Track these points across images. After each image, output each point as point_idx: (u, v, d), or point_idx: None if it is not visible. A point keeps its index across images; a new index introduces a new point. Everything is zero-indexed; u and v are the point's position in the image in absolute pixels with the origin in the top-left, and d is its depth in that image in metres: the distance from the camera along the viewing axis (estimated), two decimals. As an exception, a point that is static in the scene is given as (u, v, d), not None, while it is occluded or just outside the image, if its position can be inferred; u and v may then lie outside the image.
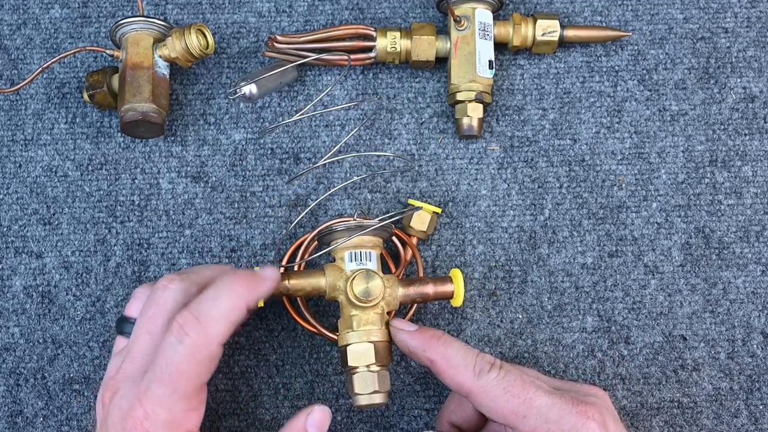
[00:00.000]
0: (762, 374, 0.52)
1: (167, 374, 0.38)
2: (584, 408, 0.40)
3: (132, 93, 0.49)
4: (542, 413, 0.40)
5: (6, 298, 0.52)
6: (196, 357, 0.38)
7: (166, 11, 0.56)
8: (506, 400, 0.40)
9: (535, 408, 0.40)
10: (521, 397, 0.40)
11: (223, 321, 0.39)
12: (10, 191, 0.53)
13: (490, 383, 0.41)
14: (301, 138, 0.54)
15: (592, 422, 0.39)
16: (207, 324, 0.38)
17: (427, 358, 0.43)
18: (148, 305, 0.41)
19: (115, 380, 0.40)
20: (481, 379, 0.41)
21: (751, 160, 0.54)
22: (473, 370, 0.41)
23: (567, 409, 0.40)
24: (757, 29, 0.56)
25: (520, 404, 0.40)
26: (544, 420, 0.40)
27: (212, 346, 0.38)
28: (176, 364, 0.38)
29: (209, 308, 0.39)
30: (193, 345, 0.38)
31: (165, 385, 0.38)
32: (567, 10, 0.56)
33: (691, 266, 0.53)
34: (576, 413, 0.40)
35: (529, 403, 0.40)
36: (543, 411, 0.40)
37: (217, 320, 0.39)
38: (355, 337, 0.44)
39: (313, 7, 0.56)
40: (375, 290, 0.44)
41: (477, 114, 0.52)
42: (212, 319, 0.38)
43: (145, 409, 0.38)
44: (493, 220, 0.53)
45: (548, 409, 0.40)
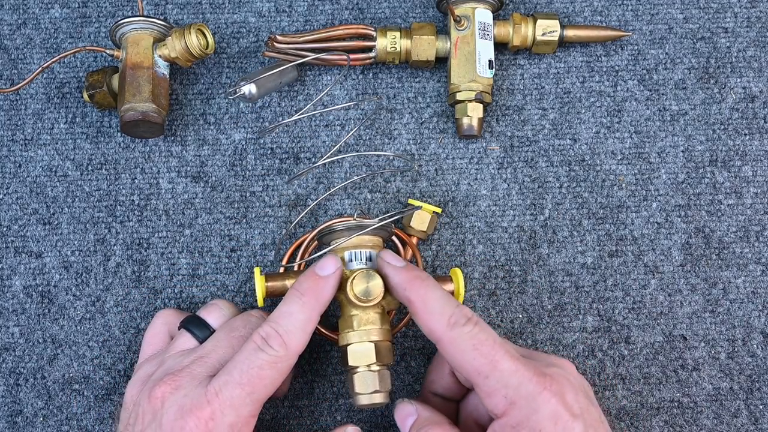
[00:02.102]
0: (762, 374, 0.52)
1: (247, 377, 0.39)
2: (543, 379, 0.40)
3: (132, 93, 0.49)
4: (503, 377, 0.40)
5: (6, 298, 0.52)
6: (277, 366, 0.40)
7: (166, 11, 0.56)
8: (473, 357, 0.40)
9: (498, 371, 0.40)
10: (488, 357, 0.40)
11: (301, 334, 0.41)
12: (10, 191, 0.53)
13: (461, 336, 0.41)
14: (301, 138, 0.54)
15: (548, 392, 0.39)
16: (288, 338, 0.41)
17: (406, 298, 0.43)
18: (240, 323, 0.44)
19: (179, 377, 0.41)
20: (453, 330, 0.41)
21: (751, 160, 0.54)
22: (448, 320, 0.41)
23: (527, 377, 0.39)
24: (757, 29, 0.56)
25: (485, 364, 0.40)
26: (503, 384, 0.40)
27: (291, 359, 0.41)
28: (257, 368, 0.40)
29: (287, 323, 0.41)
30: (275, 355, 0.40)
31: (242, 388, 0.39)
32: (567, 10, 0.56)
33: (691, 266, 0.53)
34: (534, 382, 0.39)
35: (493, 365, 0.40)
36: (504, 375, 0.40)
37: (296, 334, 0.41)
38: (355, 336, 0.44)
39: (313, 7, 0.56)
40: (375, 290, 0.44)
41: (477, 114, 0.52)
42: (291, 334, 0.41)
43: (214, 408, 0.39)
44: (493, 220, 0.53)
45: (510, 374, 0.40)
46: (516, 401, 0.39)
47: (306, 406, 0.51)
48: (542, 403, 0.39)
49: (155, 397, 0.40)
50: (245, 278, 0.52)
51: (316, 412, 0.51)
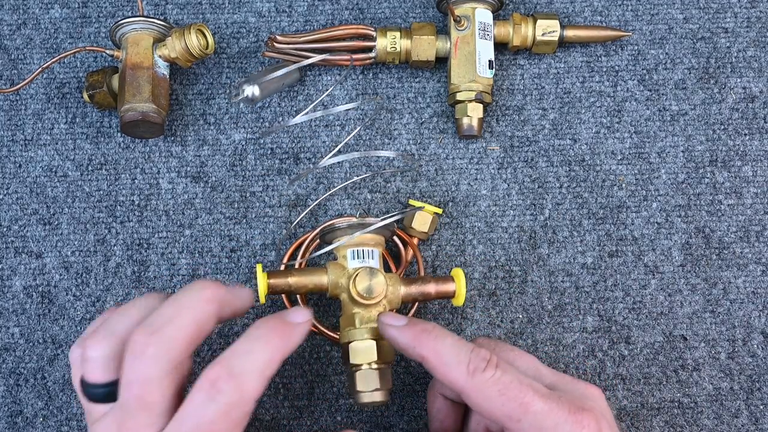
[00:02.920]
0: (762, 374, 0.52)
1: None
2: (580, 416, 0.38)
3: (132, 93, 0.49)
4: (537, 420, 0.37)
5: (6, 298, 0.52)
6: (231, 416, 0.34)
7: (166, 11, 0.56)
8: (501, 403, 0.38)
9: (531, 414, 0.37)
10: (517, 400, 0.38)
11: (258, 376, 0.36)
12: (10, 191, 0.53)
13: (485, 383, 0.38)
14: (301, 138, 0.54)
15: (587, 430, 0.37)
16: (242, 380, 0.35)
17: (419, 355, 0.40)
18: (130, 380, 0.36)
19: None
20: (476, 378, 0.38)
21: (751, 160, 0.54)
22: (467, 368, 0.38)
23: (563, 417, 0.37)
24: (757, 29, 0.56)
25: (516, 408, 0.38)
26: (538, 427, 0.37)
27: (247, 405, 0.35)
28: (208, 424, 0.34)
29: (243, 363, 0.35)
30: (227, 403, 0.34)
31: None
32: (567, 10, 0.56)
33: (691, 266, 0.53)
34: (572, 421, 0.37)
35: (525, 408, 0.38)
36: (538, 418, 0.37)
37: (253, 376, 0.35)
38: (357, 334, 0.44)
39: (313, 7, 0.56)
40: (377, 288, 0.44)
41: (477, 114, 0.52)
42: (247, 375, 0.35)
43: None
44: (493, 220, 0.53)
45: (544, 416, 0.37)
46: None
47: (306, 406, 0.51)
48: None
49: None
50: (245, 278, 0.52)
51: (316, 412, 0.51)
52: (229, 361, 0.35)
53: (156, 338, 0.35)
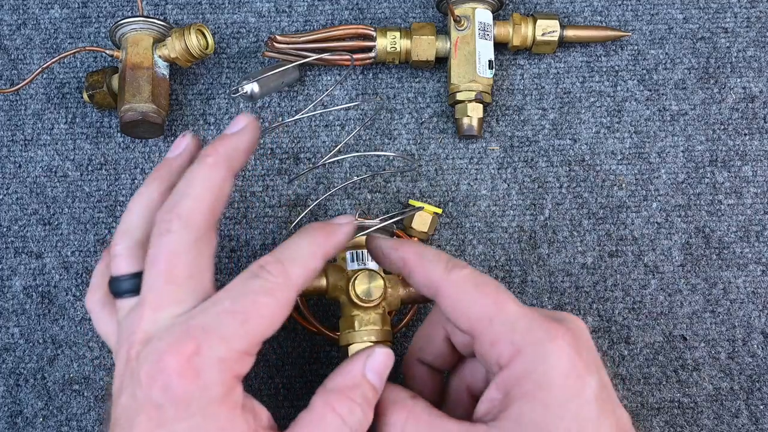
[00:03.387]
0: (762, 374, 0.52)
1: (240, 305, 0.34)
2: (556, 326, 0.34)
3: (132, 93, 0.49)
4: (510, 320, 0.35)
5: (6, 298, 0.52)
6: (274, 294, 0.34)
7: (165, 11, 0.56)
8: (476, 298, 0.36)
9: (504, 313, 0.35)
10: (492, 297, 0.35)
11: (302, 265, 0.36)
12: (10, 191, 0.53)
13: (461, 277, 0.37)
14: (301, 138, 0.54)
15: (561, 341, 0.34)
16: (288, 265, 0.35)
17: (400, 257, 0.39)
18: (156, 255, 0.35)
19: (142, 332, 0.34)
20: (452, 273, 0.37)
21: (751, 160, 0.54)
22: (445, 266, 0.37)
23: (537, 321, 0.34)
24: (757, 29, 0.56)
25: (490, 305, 0.35)
26: (510, 328, 0.34)
27: (291, 290, 0.35)
28: (252, 294, 0.34)
29: (289, 252, 0.36)
30: (273, 282, 0.35)
31: (233, 317, 0.33)
32: (567, 10, 0.56)
33: (691, 266, 0.53)
34: (545, 328, 0.34)
35: (499, 306, 0.35)
36: (511, 317, 0.35)
37: (297, 263, 0.36)
38: (356, 337, 0.44)
39: (313, 7, 0.56)
40: (377, 291, 0.44)
41: (477, 114, 0.52)
42: (292, 262, 0.36)
43: (199, 341, 0.32)
44: (493, 220, 0.53)
45: (517, 317, 0.35)
46: (523, 348, 0.34)
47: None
48: (552, 353, 0.33)
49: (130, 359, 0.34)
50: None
51: (316, 412, 0.51)
52: (277, 252, 0.36)
53: (176, 212, 0.35)
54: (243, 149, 0.38)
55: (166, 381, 0.32)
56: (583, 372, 0.34)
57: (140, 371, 0.33)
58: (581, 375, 0.33)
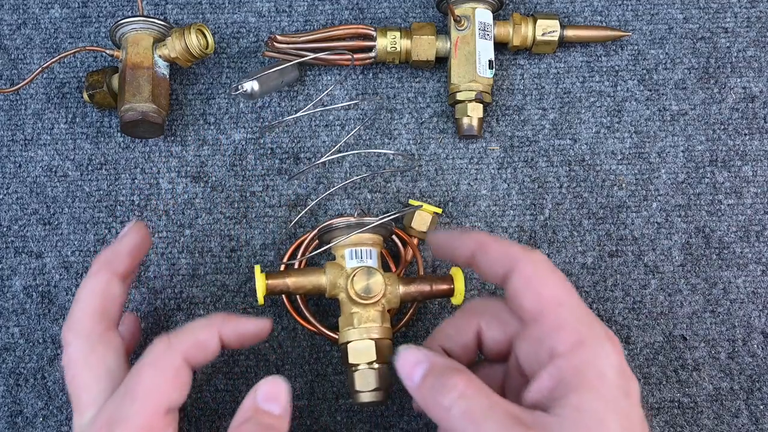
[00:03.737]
0: (762, 374, 0.52)
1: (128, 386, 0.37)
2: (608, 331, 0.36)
3: (132, 93, 0.49)
4: (577, 310, 0.36)
5: (6, 298, 0.52)
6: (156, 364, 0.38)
7: (166, 11, 0.56)
8: (552, 280, 0.37)
9: (573, 300, 0.36)
10: (565, 286, 0.37)
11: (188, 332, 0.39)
12: (10, 191, 0.53)
13: (540, 258, 0.37)
14: (301, 138, 0.54)
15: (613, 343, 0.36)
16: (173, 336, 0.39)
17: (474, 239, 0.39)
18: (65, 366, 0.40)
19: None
20: (533, 252, 0.38)
21: (751, 160, 0.54)
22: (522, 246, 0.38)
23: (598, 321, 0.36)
24: (757, 29, 0.56)
25: (562, 290, 0.36)
26: (577, 317, 0.36)
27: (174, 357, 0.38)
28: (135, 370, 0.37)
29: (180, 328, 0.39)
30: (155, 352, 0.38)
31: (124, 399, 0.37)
32: (567, 10, 0.56)
33: (691, 266, 0.53)
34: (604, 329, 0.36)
35: (570, 295, 0.36)
36: (577, 308, 0.36)
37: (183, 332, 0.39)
38: (356, 334, 0.44)
39: (313, 7, 0.56)
40: (376, 287, 0.44)
41: (477, 114, 0.52)
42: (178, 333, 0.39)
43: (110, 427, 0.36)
44: (493, 220, 0.53)
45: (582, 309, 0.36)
46: (587, 340, 0.35)
47: (306, 406, 0.51)
48: (610, 352, 0.35)
49: None
50: (245, 278, 0.52)
51: (316, 412, 0.51)
52: None
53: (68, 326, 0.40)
54: (125, 252, 0.42)
55: None
56: (630, 375, 0.35)
57: None
58: (630, 377, 0.35)
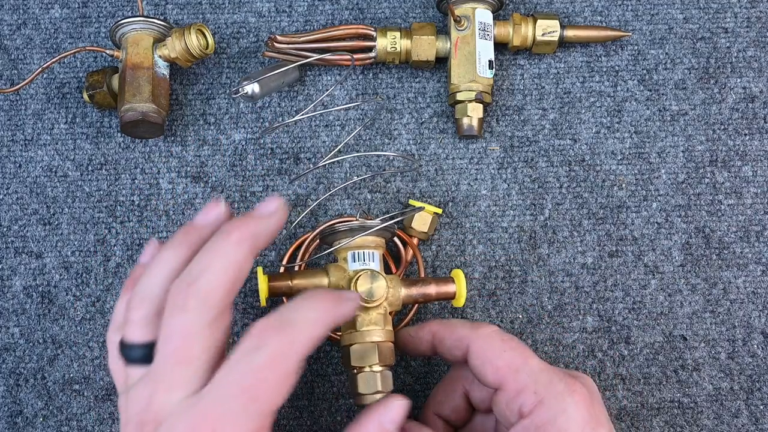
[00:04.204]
0: (762, 374, 0.52)
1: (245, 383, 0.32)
2: (572, 381, 0.39)
3: (132, 93, 0.49)
4: (534, 372, 0.39)
5: (6, 298, 0.52)
6: (279, 366, 0.33)
7: (166, 11, 0.56)
8: (503, 350, 0.40)
9: (529, 366, 0.39)
10: (518, 351, 0.40)
11: (309, 331, 0.34)
12: (10, 191, 0.53)
13: (488, 334, 0.41)
14: (301, 138, 0.54)
15: (578, 395, 0.38)
16: (291, 331, 0.34)
17: (428, 331, 0.43)
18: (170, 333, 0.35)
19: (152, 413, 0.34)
20: (480, 329, 0.41)
21: (751, 160, 0.54)
22: (472, 325, 0.42)
23: (557, 376, 0.38)
24: (757, 29, 0.56)
25: (516, 357, 0.39)
26: (534, 379, 0.38)
27: (296, 358, 0.33)
28: (257, 372, 0.32)
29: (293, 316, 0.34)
30: (276, 351, 0.33)
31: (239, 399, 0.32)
32: (567, 10, 0.56)
33: (691, 266, 0.53)
34: (565, 383, 0.38)
35: (524, 359, 0.39)
36: (535, 370, 0.39)
37: (303, 328, 0.34)
38: (358, 337, 0.44)
39: (313, 7, 0.56)
40: (379, 291, 0.44)
41: (477, 114, 0.52)
42: (297, 326, 0.34)
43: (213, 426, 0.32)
44: (493, 220, 0.53)
45: (540, 370, 0.39)
46: (545, 399, 0.38)
47: (306, 406, 0.51)
48: (571, 405, 0.38)
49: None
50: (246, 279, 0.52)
51: (316, 412, 0.51)
52: (280, 314, 0.34)
53: (194, 289, 0.34)
54: (269, 233, 0.38)
55: None
56: (596, 425, 0.38)
57: None
58: (595, 428, 0.38)
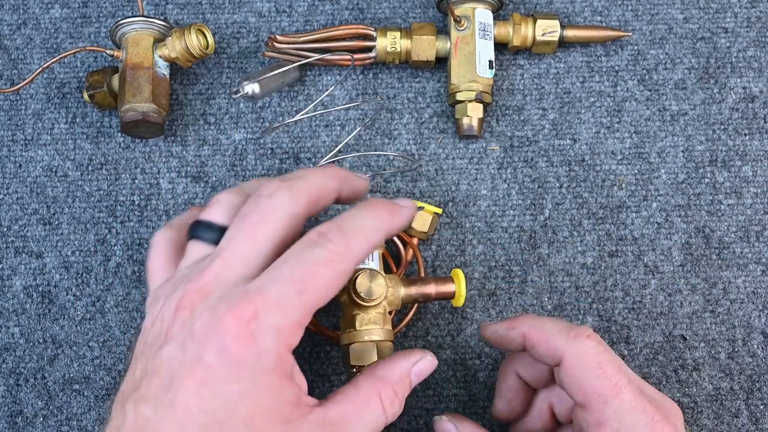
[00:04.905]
0: (762, 374, 0.52)
1: (299, 273, 0.33)
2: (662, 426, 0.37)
3: (132, 93, 0.49)
4: (622, 410, 0.37)
5: (6, 298, 0.52)
6: (334, 265, 0.34)
7: (166, 11, 0.56)
8: (596, 377, 0.37)
9: (619, 400, 0.37)
10: (612, 380, 0.37)
11: (364, 237, 0.36)
12: (10, 191, 0.53)
13: (585, 350, 0.38)
14: (301, 138, 0.54)
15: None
16: (349, 236, 0.35)
17: (519, 334, 0.40)
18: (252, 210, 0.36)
19: (203, 283, 0.34)
20: (577, 343, 0.38)
21: (751, 160, 0.54)
22: (568, 334, 0.38)
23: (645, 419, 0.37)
24: (757, 29, 0.56)
25: (609, 388, 0.37)
26: (619, 419, 0.36)
27: (350, 262, 0.35)
28: (311, 265, 0.33)
29: (351, 223, 0.36)
30: (333, 252, 0.34)
31: (291, 285, 0.33)
32: (567, 10, 0.56)
33: (691, 266, 0.53)
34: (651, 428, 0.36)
35: (616, 391, 0.37)
36: (624, 407, 0.37)
37: (359, 235, 0.36)
38: (357, 336, 0.44)
39: (313, 7, 0.56)
40: (378, 290, 0.44)
41: (477, 114, 0.52)
42: (355, 233, 0.35)
43: (257, 307, 0.32)
44: (493, 220, 0.53)
45: (630, 408, 0.37)
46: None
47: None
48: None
49: (182, 307, 0.33)
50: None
51: (316, 412, 0.51)
52: (339, 221, 0.36)
53: (285, 186, 0.36)
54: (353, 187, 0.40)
55: (222, 342, 0.32)
56: None
57: (194, 325, 0.33)
58: None
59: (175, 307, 0.34)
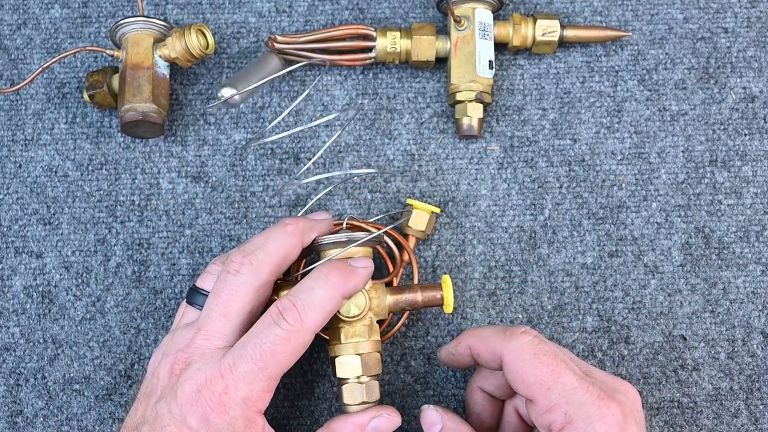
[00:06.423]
0: (762, 374, 0.52)
1: (259, 353, 0.39)
2: (608, 402, 0.38)
3: (132, 93, 0.49)
4: (566, 391, 0.38)
5: (6, 298, 0.52)
6: (290, 342, 0.40)
7: (166, 11, 0.56)
8: (534, 367, 0.39)
9: (561, 384, 0.38)
10: (550, 367, 0.39)
11: (319, 311, 0.41)
12: (10, 191, 0.53)
13: (521, 345, 0.40)
14: (301, 138, 0.54)
15: (610, 419, 0.37)
16: (303, 313, 0.40)
17: (465, 347, 0.43)
18: (221, 289, 0.42)
19: (188, 353, 0.41)
20: (512, 340, 0.41)
21: (751, 160, 0.54)
22: (504, 334, 0.41)
23: (591, 397, 0.38)
24: (757, 29, 0.56)
25: (548, 374, 0.39)
26: (565, 399, 0.38)
27: (305, 335, 0.40)
28: (270, 345, 0.39)
29: (305, 297, 0.41)
30: (289, 331, 0.40)
31: (254, 363, 0.39)
32: (567, 10, 0.56)
33: (691, 266, 0.53)
34: (597, 405, 0.38)
35: (556, 376, 0.39)
36: (567, 390, 0.38)
37: (313, 309, 0.40)
38: (342, 349, 0.44)
39: (313, 7, 0.56)
40: (356, 309, 0.44)
41: (477, 114, 0.52)
42: (307, 308, 0.40)
43: (227, 383, 0.39)
44: (493, 220, 0.53)
45: (573, 389, 0.38)
46: (574, 420, 0.38)
47: (306, 406, 0.51)
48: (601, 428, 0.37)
49: (173, 373, 0.41)
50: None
51: (316, 412, 0.51)
52: (295, 295, 0.41)
53: (249, 259, 0.42)
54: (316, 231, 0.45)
55: (203, 411, 0.39)
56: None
57: (178, 390, 0.40)
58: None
59: (168, 372, 0.41)
